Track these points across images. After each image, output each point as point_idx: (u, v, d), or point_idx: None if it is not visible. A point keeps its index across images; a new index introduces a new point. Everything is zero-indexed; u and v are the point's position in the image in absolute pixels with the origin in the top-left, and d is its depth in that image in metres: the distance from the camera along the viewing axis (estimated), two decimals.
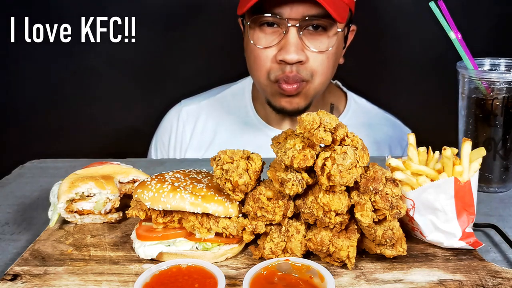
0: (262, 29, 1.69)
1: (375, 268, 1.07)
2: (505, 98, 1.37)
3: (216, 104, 2.04)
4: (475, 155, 1.12)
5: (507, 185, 1.48)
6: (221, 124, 2.00)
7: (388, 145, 1.96)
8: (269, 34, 1.68)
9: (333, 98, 1.99)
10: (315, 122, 1.00)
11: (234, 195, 1.09)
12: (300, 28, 1.64)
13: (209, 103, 2.05)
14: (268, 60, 1.69)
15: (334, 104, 1.97)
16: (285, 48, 1.64)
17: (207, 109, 2.04)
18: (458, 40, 1.39)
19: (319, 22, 1.64)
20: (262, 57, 1.70)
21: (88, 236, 1.21)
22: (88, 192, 1.24)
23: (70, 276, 1.04)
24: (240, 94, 2.02)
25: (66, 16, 2.37)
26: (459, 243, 1.10)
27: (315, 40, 1.67)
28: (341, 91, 2.05)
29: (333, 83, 2.05)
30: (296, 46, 1.63)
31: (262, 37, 1.69)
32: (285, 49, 1.64)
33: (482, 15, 2.27)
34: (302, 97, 1.74)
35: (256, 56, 1.71)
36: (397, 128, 2.02)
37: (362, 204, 1.03)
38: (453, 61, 1.46)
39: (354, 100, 2.02)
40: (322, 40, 1.67)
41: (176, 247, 1.11)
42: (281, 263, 1.03)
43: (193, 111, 2.04)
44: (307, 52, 1.66)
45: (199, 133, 2.01)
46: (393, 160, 1.14)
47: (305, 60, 1.66)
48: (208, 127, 2.01)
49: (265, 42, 1.68)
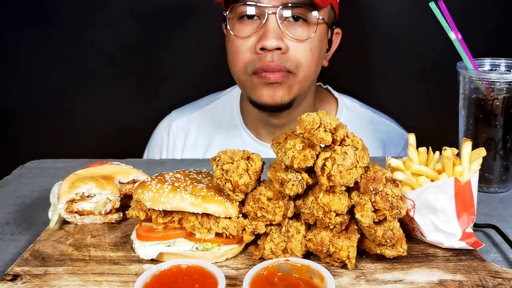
0: (241, 21, 1.69)
1: (375, 268, 1.07)
2: (505, 99, 1.37)
3: (206, 117, 2.03)
4: (475, 156, 1.12)
5: (507, 185, 1.48)
6: (212, 138, 1.98)
7: (383, 151, 1.93)
8: (249, 25, 1.67)
9: (324, 106, 1.97)
10: (315, 122, 1.00)
11: (234, 195, 1.09)
12: (280, 18, 1.63)
13: (198, 115, 2.04)
14: (247, 51, 1.67)
15: None
16: (264, 35, 1.63)
17: (197, 122, 2.03)
18: (458, 40, 1.39)
19: (298, 10, 1.63)
20: (241, 49, 1.68)
21: (88, 237, 1.21)
22: (88, 192, 1.24)
23: (70, 276, 1.04)
24: (229, 105, 2.01)
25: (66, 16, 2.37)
26: (459, 244, 1.10)
27: (295, 29, 1.66)
28: (332, 96, 2.01)
29: (323, 88, 2.03)
30: (276, 32, 1.62)
31: (241, 28, 1.68)
32: (264, 36, 1.62)
33: (482, 15, 2.27)
34: (285, 89, 1.69)
35: (235, 49, 1.70)
36: (392, 132, 1.98)
37: (362, 205, 1.03)
38: (453, 61, 1.46)
39: (346, 106, 1.98)
40: (302, 29, 1.66)
41: (176, 247, 1.11)
42: (281, 264, 1.03)
43: (183, 125, 2.04)
44: (287, 41, 1.65)
45: (190, 148, 2.00)
46: (393, 161, 1.14)
47: (285, 48, 1.64)
48: (198, 141, 2.00)
49: (244, 32, 1.68)
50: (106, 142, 2.49)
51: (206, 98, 2.12)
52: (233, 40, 1.70)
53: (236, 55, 1.70)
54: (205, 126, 2.01)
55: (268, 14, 1.62)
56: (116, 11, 2.36)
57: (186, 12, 2.38)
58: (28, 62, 2.42)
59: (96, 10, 2.36)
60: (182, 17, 2.38)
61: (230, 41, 1.72)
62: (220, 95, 2.07)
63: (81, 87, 2.47)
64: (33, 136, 2.50)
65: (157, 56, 2.44)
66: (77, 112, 2.49)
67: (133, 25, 2.38)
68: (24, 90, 2.47)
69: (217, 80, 2.15)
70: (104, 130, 2.50)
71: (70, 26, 2.38)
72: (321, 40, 1.72)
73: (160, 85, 2.47)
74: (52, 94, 2.48)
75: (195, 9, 2.36)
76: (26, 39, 2.38)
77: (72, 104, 2.48)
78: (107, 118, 2.49)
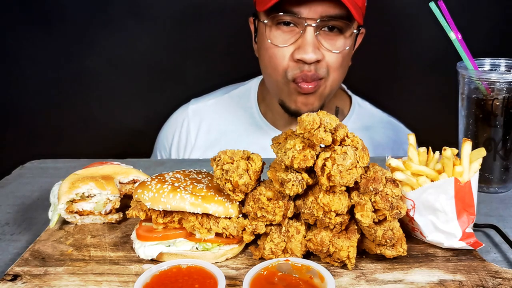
0: (278, 27, 1.70)
1: (375, 268, 1.07)
2: (505, 99, 1.37)
3: (223, 104, 2.06)
4: (475, 156, 1.12)
5: (507, 186, 1.48)
6: (227, 125, 2.01)
7: (391, 148, 1.97)
8: (286, 33, 1.69)
9: (339, 102, 2.01)
10: (315, 122, 1.00)
11: (234, 195, 1.09)
12: (317, 28, 1.65)
13: (215, 102, 2.07)
14: (285, 58, 1.70)
15: (339, 108, 1.99)
16: (303, 47, 1.65)
17: (214, 108, 2.05)
18: (458, 40, 1.39)
19: (336, 23, 1.66)
20: (278, 56, 1.70)
21: (88, 237, 1.21)
22: (88, 192, 1.24)
23: (70, 277, 1.04)
24: (246, 95, 2.04)
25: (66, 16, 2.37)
26: (459, 244, 1.10)
27: (330, 40, 1.69)
28: (346, 94, 2.07)
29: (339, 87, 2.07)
30: (314, 45, 1.65)
31: (278, 35, 1.70)
32: (303, 49, 1.65)
33: (482, 15, 2.27)
34: (317, 97, 1.75)
35: (271, 55, 1.72)
36: (400, 132, 2.04)
37: (362, 205, 1.03)
38: (453, 61, 1.46)
39: (358, 104, 2.04)
40: (338, 40, 1.69)
41: (176, 247, 1.11)
42: (281, 264, 1.03)
43: (199, 110, 2.06)
44: (323, 51, 1.68)
45: (204, 133, 2.02)
46: (393, 161, 1.14)
47: (321, 58, 1.68)
48: (213, 126, 2.02)
49: (282, 40, 1.69)
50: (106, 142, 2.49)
51: (224, 88, 2.14)
52: (269, 46, 1.73)
53: (274, 61, 1.73)
54: (221, 112, 2.04)
55: (306, 26, 1.64)
56: (117, 11, 2.36)
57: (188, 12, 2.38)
58: (28, 62, 2.42)
59: (97, 10, 2.36)
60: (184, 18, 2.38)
61: (265, 47, 1.74)
62: (238, 86, 2.10)
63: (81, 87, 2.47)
64: (33, 136, 2.50)
65: (159, 56, 2.44)
66: (77, 112, 2.49)
67: (134, 25, 2.38)
68: (24, 90, 2.47)
69: (220, 83, 2.16)
70: (105, 130, 2.50)
71: (70, 26, 2.38)
72: (351, 47, 1.76)
73: (161, 85, 2.47)
74: (52, 94, 2.48)
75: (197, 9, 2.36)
76: (26, 39, 2.38)
77: (72, 104, 2.48)
78: (107, 118, 2.49)
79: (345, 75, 1.82)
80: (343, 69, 1.77)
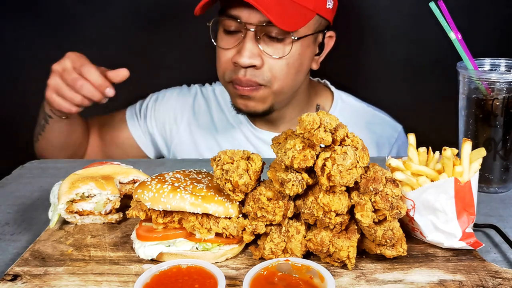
0: (225, 32, 1.76)
1: (375, 268, 1.07)
2: (505, 99, 1.37)
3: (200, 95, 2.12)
4: (475, 156, 1.12)
5: (507, 186, 1.48)
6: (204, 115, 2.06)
7: (376, 143, 1.98)
8: (230, 37, 1.74)
9: (319, 99, 2.02)
10: (315, 122, 1.00)
11: (234, 195, 1.09)
12: (258, 34, 1.68)
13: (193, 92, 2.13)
14: (225, 61, 1.76)
15: (319, 105, 1.99)
16: (240, 51, 1.69)
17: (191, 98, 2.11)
18: (458, 40, 1.39)
19: (272, 30, 1.67)
20: (221, 58, 1.77)
21: (88, 237, 1.21)
22: (88, 192, 1.24)
23: (70, 277, 1.04)
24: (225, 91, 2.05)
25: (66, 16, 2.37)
26: (459, 244, 1.10)
27: (271, 47, 1.71)
28: (329, 90, 2.06)
29: (321, 83, 2.07)
30: (251, 50, 1.68)
31: (224, 38, 1.76)
32: (239, 53, 1.69)
33: (482, 16, 2.27)
34: (257, 101, 1.78)
35: (217, 57, 1.80)
36: (386, 125, 2.04)
37: (362, 205, 1.03)
38: (453, 61, 1.46)
39: (341, 99, 2.03)
40: (278, 47, 1.71)
41: (176, 247, 1.11)
42: (281, 264, 1.03)
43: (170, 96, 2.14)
44: (264, 57, 1.70)
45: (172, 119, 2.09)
46: (393, 161, 1.14)
47: (260, 65, 1.70)
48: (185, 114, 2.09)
49: (225, 43, 1.75)
50: None
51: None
52: (217, 49, 1.80)
53: (218, 62, 1.80)
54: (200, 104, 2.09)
55: (247, 31, 1.68)
56: (115, 11, 2.36)
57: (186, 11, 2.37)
58: (28, 62, 2.42)
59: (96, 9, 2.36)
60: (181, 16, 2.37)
61: (216, 49, 1.81)
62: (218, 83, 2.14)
63: None
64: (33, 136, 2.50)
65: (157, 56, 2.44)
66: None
67: (132, 25, 2.38)
68: (24, 90, 2.47)
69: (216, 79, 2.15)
70: None
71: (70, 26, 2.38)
72: (301, 53, 1.76)
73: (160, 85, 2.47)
74: None
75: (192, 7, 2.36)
76: (26, 39, 2.38)
77: None
78: None
79: (299, 81, 1.82)
80: (292, 78, 1.77)
